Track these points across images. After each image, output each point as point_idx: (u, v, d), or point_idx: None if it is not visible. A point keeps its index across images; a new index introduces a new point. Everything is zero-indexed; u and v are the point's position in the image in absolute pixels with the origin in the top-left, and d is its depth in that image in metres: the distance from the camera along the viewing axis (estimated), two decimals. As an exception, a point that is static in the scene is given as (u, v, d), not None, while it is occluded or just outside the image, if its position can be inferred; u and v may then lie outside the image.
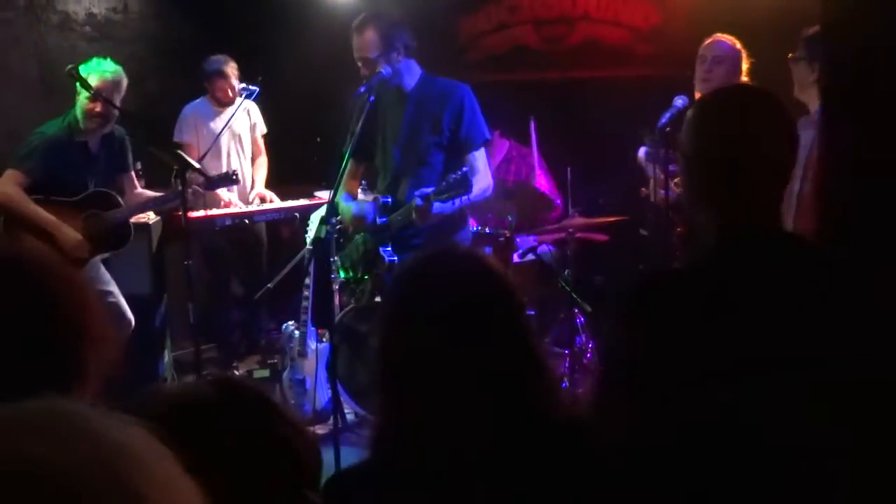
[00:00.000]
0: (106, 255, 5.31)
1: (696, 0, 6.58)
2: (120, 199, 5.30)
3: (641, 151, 5.07)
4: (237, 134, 6.52)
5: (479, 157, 4.51)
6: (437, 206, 4.17)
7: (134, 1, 7.16)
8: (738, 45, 4.71)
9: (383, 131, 4.61)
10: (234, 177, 5.61)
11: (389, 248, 4.46)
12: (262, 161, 6.73)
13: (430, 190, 4.17)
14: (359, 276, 4.63)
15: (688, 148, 2.07)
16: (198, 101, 6.50)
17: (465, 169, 4.14)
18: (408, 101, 4.51)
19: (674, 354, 1.86)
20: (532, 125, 6.90)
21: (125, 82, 5.14)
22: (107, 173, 5.32)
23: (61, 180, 5.10)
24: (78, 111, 5.04)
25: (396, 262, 4.42)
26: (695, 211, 2.09)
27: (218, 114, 6.43)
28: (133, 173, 5.56)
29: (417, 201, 4.18)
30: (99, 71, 5.00)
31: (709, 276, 2.00)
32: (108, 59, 5.13)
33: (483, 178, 4.44)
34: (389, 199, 4.49)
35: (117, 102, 5.04)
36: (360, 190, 5.13)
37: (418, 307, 1.80)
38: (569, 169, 6.30)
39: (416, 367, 1.75)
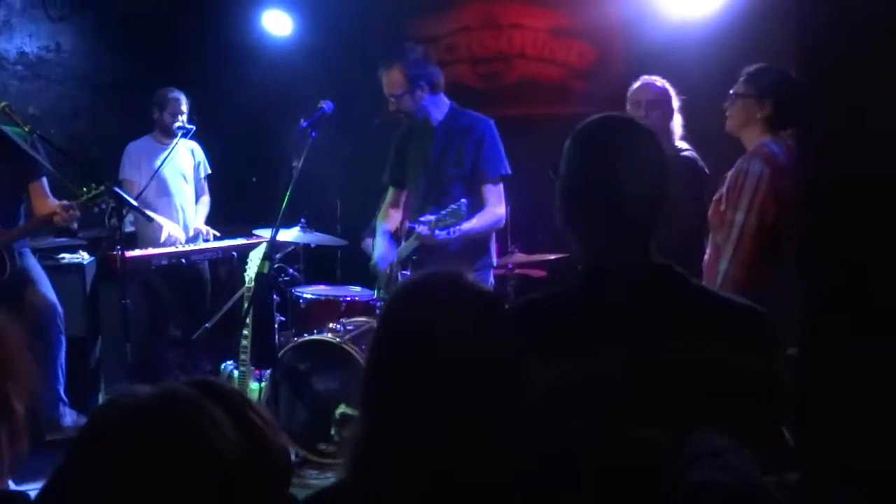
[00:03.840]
0: None
1: (631, 39, 6.69)
2: None
3: None
4: (181, 171, 6.46)
5: (492, 190, 4.64)
6: (438, 233, 4.29)
7: (67, 40, 7.08)
8: (667, 85, 4.78)
9: (415, 160, 4.78)
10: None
11: (408, 273, 4.55)
12: (205, 200, 6.68)
13: (433, 218, 4.29)
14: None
15: (560, 177, 2.10)
16: (141, 139, 6.43)
17: (462, 200, 4.27)
18: (436, 133, 4.67)
19: (538, 382, 1.87)
20: None
21: None
22: (5, 190, 5.05)
23: None
24: None
25: None
26: (568, 240, 2.11)
27: (161, 151, 6.34)
28: (42, 182, 5.19)
29: (421, 231, 4.32)
30: None
31: (573, 305, 2.04)
32: None
33: (490, 211, 4.59)
34: (414, 226, 4.56)
35: None
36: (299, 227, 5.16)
37: (412, 329, 1.75)
38: (508, 206, 6.32)
39: (405, 388, 1.70)
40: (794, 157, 3.68)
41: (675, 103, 4.74)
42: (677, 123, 4.74)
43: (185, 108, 6.34)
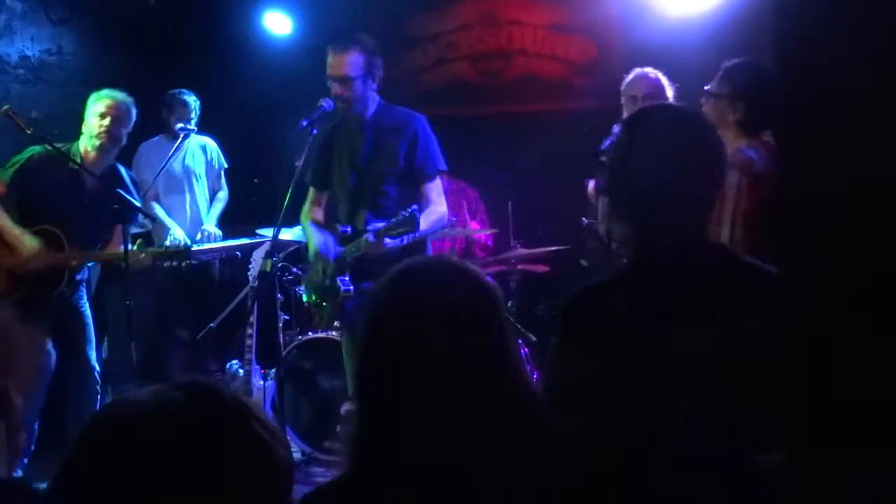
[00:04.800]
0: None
1: (630, 34, 6.70)
2: (64, 244, 4.97)
3: (591, 184, 5.04)
4: (192, 170, 6.48)
5: (433, 188, 4.54)
6: (387, 241, 4.18)
7: (68, 42, 7.09)
8: (660, 75, 4.80)
9: (340, 159, 4.62)
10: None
11: (347, 278, 4.43)
12: (221, 196, 6.70)
13: (381, 225, 4.19)
14: (319, 301, 4.60)
15: (612, 164, 2.16)
16: (153, 139, 6.47)
17: (413, 207, 4.15)
18: (365, 131, 4.54)
19: (603, 363, 1.91)
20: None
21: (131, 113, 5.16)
22: (98, 217, 5.06)
23: (39, 199, 4.91)
24: (85, 135, 4.98)
25: (353, 290, 4.40)
26: (620, 225, 2.17)
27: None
28: (126, 228, 5.04)
29: (369, 237, 4.20)
30: (108, 95, 5.09)
31: (630, 288, 2.06)
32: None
33: (435, 210, 4.47)
34: (349, 230, 4.48)
35: (125, 131, 5.10)
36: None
37: (405, 314, 1.74)
38: (509, 202, 6.36)
39: (399, 375, 1.69)
40: (773, 160, 3.62)
41: (670, 93, 4.76)
42: (673, 113, 4.75)
43: (194, 113, 6.39)
